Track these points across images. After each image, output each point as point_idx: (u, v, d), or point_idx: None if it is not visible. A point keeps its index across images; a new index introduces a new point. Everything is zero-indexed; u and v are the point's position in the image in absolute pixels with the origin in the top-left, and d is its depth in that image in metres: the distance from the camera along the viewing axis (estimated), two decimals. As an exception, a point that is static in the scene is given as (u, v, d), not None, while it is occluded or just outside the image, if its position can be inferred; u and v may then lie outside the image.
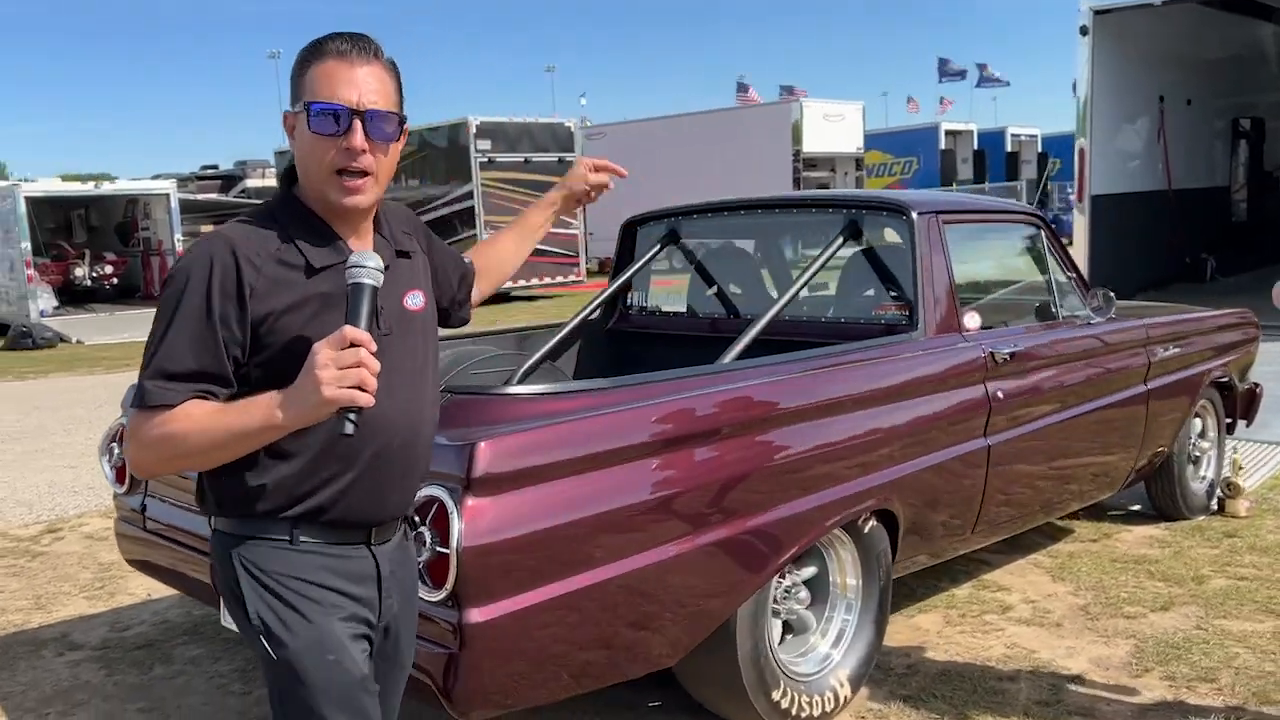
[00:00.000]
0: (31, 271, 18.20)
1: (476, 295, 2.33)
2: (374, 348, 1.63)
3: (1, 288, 18.69)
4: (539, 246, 2.56)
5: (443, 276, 2.17)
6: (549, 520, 2.48)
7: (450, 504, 2.33)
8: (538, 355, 4.25)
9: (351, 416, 1.63)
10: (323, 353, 1.62)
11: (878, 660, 3.71)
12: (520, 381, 4.02)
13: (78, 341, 16.47)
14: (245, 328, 1.74)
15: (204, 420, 1.70)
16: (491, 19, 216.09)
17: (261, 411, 1.67)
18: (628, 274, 4.65)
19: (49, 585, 4.92)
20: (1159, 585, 4.41)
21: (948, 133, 32.43)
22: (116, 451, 3.61)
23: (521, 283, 19.45)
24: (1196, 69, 11.42)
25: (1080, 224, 9.60)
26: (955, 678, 3.62)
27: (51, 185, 20.37)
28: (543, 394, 2.74)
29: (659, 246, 4.68)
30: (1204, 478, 5.39)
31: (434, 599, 2.36)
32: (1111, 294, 4.41)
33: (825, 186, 28.18)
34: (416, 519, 2.35)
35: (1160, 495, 5.20)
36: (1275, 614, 4.04)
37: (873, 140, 32.44)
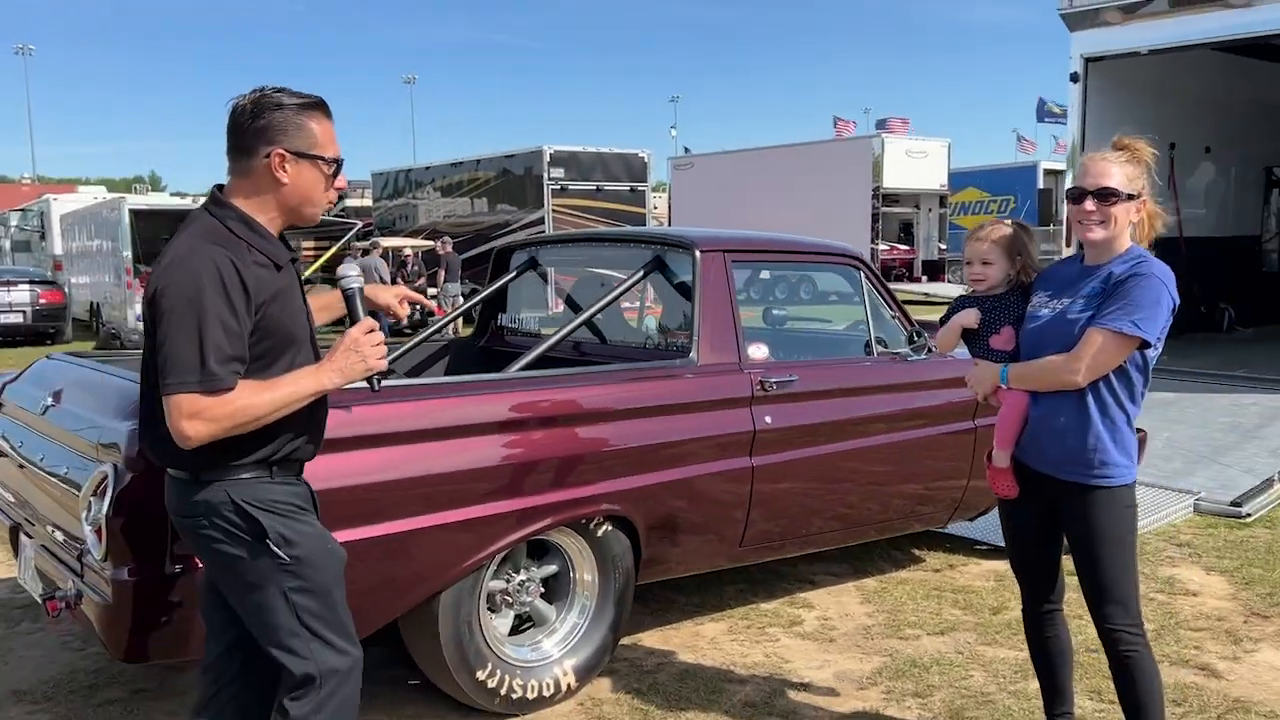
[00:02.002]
0: (131, 279, 19.58)
1: None
2: (382, 334, 2.38)
3: (107, 293, 20.21)
4: None
5: None
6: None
7: (111, 478, 2.81)
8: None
9: (379, 379, 2.39)
10: (361, 338, 2.35)
11: (632, 657, 4.05)
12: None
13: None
14: (251, 316, 2.28)
15: (263, 393, 2.26)
16: (613, 46, 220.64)
17: (311, 380, 2.33)
18: (484, 295, 5.11)
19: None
20: (955, 613, 4.59)
21: (1047, 172, 31.81)
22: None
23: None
24: (1217, 116, 11.22)
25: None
26: (692, 678, 3.92)
27: (154, 199, 21.88)
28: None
29: (515, 273, 5.12)
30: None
31: (97, 556, 2.83)
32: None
33: (909, 223, 28.10)
34: (92, 489, 2.84)
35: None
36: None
37: (970, 178, 32.15)
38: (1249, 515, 6.13)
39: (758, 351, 4.29)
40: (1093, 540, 2.97)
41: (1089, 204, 2.94)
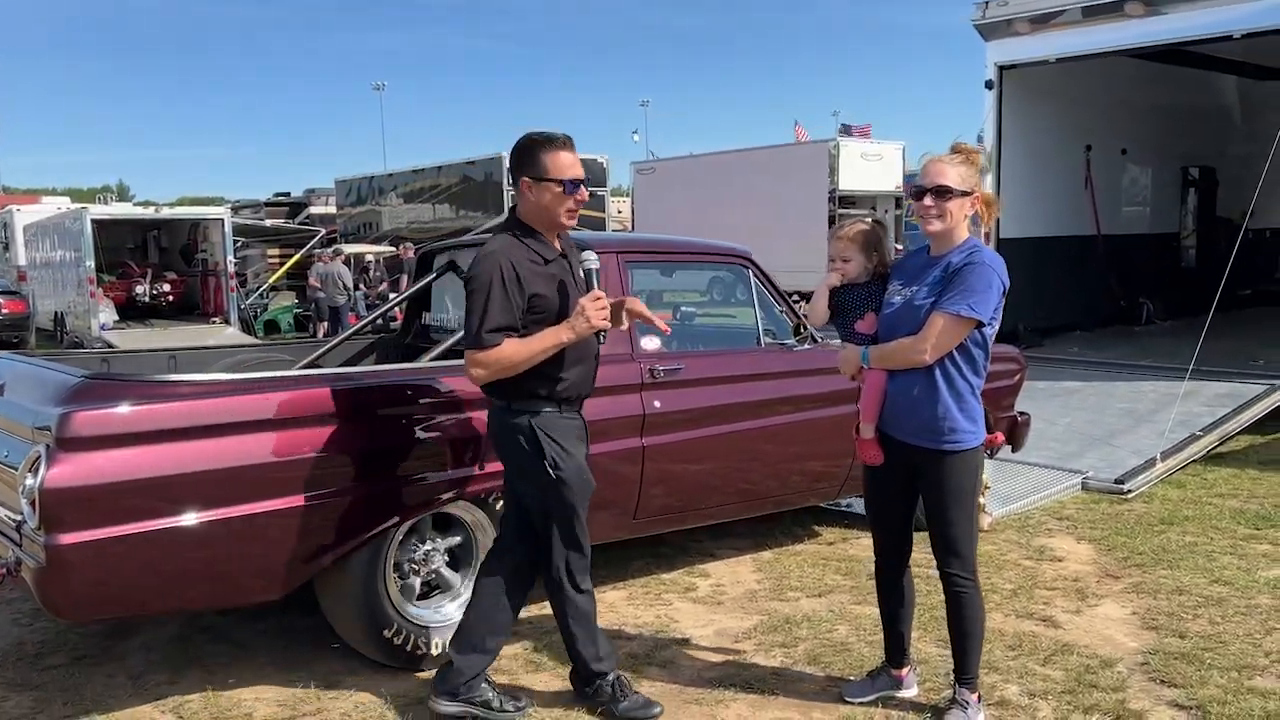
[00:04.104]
0: (94, 288, 19.77)
1: None
2: (607, 301, 3.38)
3: (70, 302, 20.41)
4: None
5: None
6: (135, 474, 3.32)
7: (44, 455, 3.21)
8: (305, 360, 5.12)
9: (602, 335, 3.39)
10: (588, 304, 3.32)
11: (535, 619, 4.47)
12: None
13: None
14: (523, 298, 3.30)
15: (521, 347, 3.30)
16: (581, 51, 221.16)
17: (552, 336, 3.33)
18: (405, 295, 5.52)
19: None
20: (836, 578, 5.04)
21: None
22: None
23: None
24: (1132, 119, 11.76)
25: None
26: (586, 637, 4.33)
27: (117, 209, 22.03)
28: (165, 382, 3.59)
29: (436, 274, 5.53)
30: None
31: (32, 525, 3.23)
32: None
33: (866, 223, 28.58)
34: (28, 466, 3.24)
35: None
36: (906, 604, 4.63)
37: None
38: (1130, 492, 6.62)
39: (650, 343, 4.71)
40: (942, 497, 3.44)
41: (927, 200, 3.40)
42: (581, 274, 3.51)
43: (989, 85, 10.01)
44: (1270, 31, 8.91)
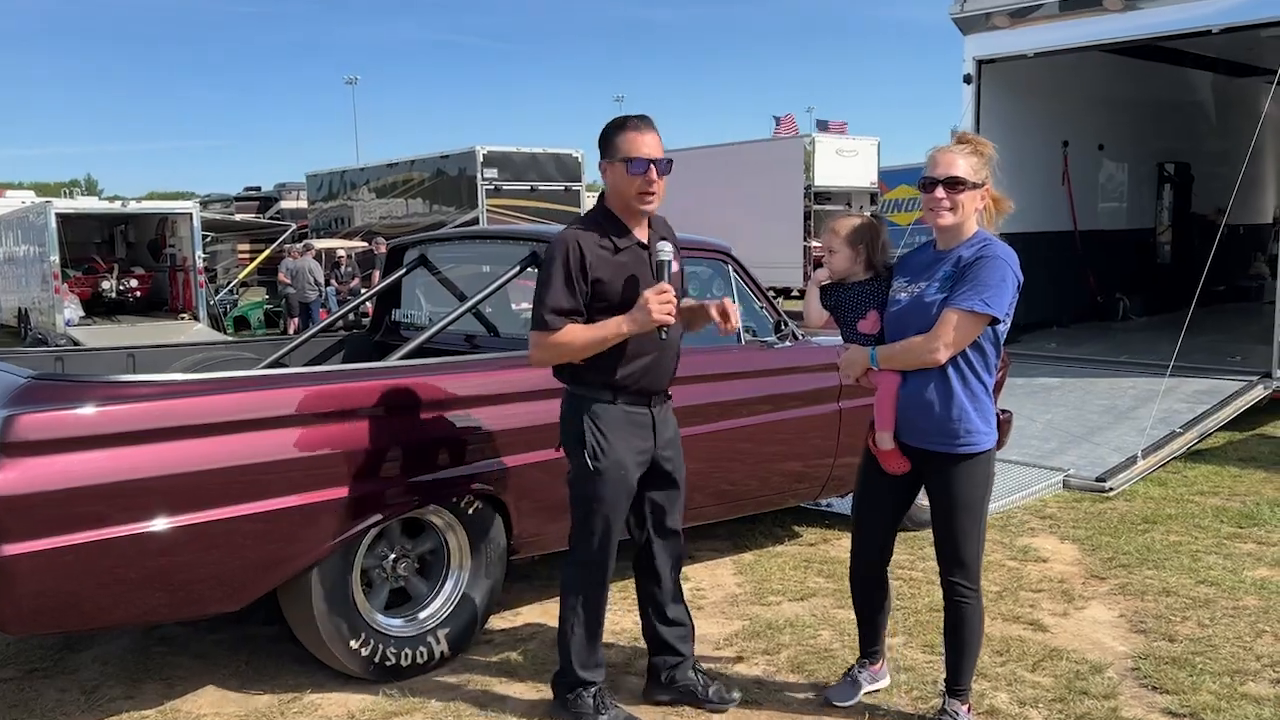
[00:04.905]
0: (58, 284, 19.40)
1: None
2: (674, 294, 3.23)
3: (35, 298, 20.03)
4: None
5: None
6: (85, 480, 3.14)
7: (-13, 461, 3.02)
8: (269, 359, 4.95)
9: (664, 330, 3.24)
10: (651, 297, 3.18)
11: (509, 627, 4.32)
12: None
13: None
14: (587, 283, 3.23)
15: (580, 333, 3.24)
16: (556, 44, 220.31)
17: (614, 326, 3.23)
18: (376, 290, 5.35)
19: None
20: (818, 581, 4.92)
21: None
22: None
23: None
24: (1108, 115, 11.72)
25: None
26: (562, 645, 4.19)
27: (82, 203, 21.66)
28: (116, 383, 3.41)
29: (406, 269, 5.37)
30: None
31: (-25, 534, 3.04)
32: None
33: (841, 220, 28.57)
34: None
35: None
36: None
37: (903, 175, 32.66)
38: (1111, 490, 6.55)
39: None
40: (952, 504, 3.29)
41: (939, 192, 3.23)
42: (655, 261, 3.36)
43: (967, 79, 9.93)
44: (1247, 26, 8.89)
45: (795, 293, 21.94)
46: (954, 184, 3.21)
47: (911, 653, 4.05)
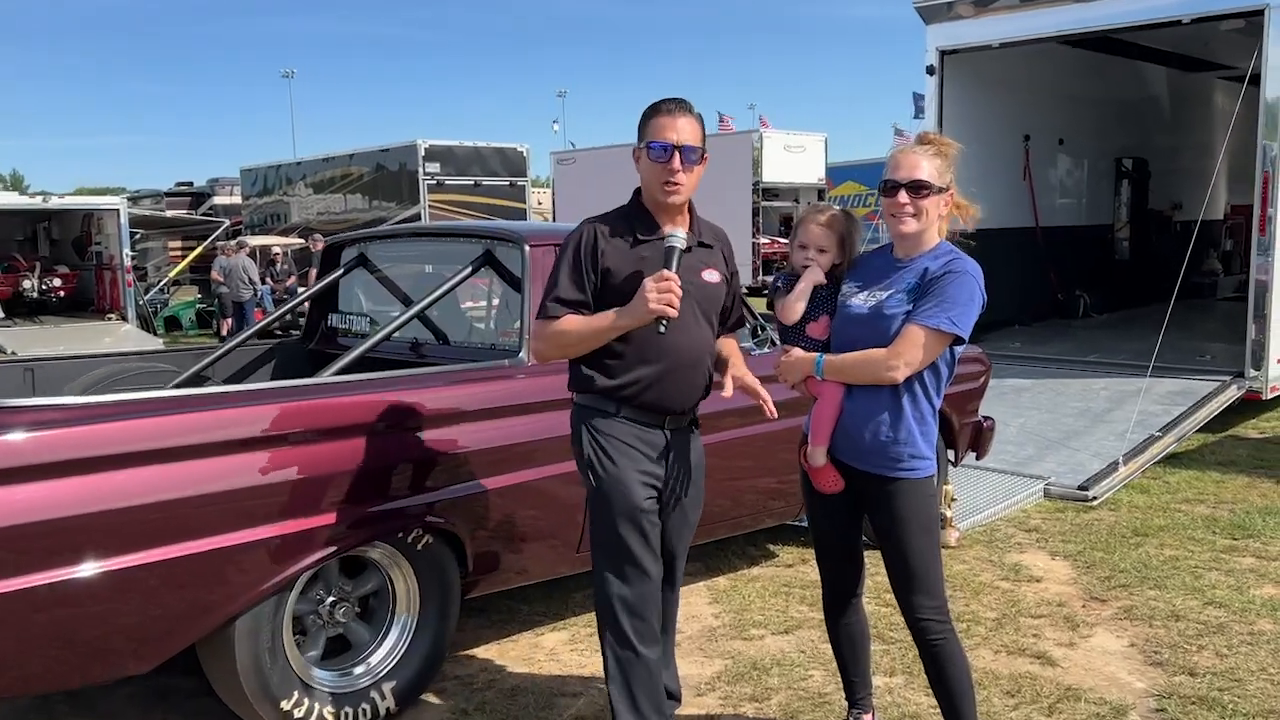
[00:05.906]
0: (-23, 283, 18.44)
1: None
2: (678, 283, 2.78)
3: (-50, 299, 19.01)
4: None
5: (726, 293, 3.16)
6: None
7: None
8: (188, 372, 4.42)
9: (664, 323, 2.78)
10: (650, 282, 2.77)
11: (464, 674, 3.85)
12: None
13: (12, 353, 16.73)
14: (596, 274, 2.91)
15: (577, 324, 2.91)
16: (497, 39, 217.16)
17: (610, 317, 2.87)
18: (310, 292, 4.83)
19: None
20: (801, 610, 4.51)
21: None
22: None
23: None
24: (1069, 109, 11.51)
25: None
26: (524, 694, 3.74)
27: (1, 199, 20.68)
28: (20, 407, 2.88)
29: (344, 269, 4.85)
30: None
31: None
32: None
33: (789, 216, 28.38)
34: None
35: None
36: (882, 639, 4.13)
37: (849, 172, 32.57)
38: (1095, 498, 6.25)
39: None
40: (901, 530, 2.93)
41: (902, 196, 2.89)
42: (665, 248, 2.89)
43: (930, 71, 9.62)
44: (1214, 16, 8.71)
45: (744, 291, 21.61)
46: (918, 188, 2.87)
47: (914, 695, 3.66)
